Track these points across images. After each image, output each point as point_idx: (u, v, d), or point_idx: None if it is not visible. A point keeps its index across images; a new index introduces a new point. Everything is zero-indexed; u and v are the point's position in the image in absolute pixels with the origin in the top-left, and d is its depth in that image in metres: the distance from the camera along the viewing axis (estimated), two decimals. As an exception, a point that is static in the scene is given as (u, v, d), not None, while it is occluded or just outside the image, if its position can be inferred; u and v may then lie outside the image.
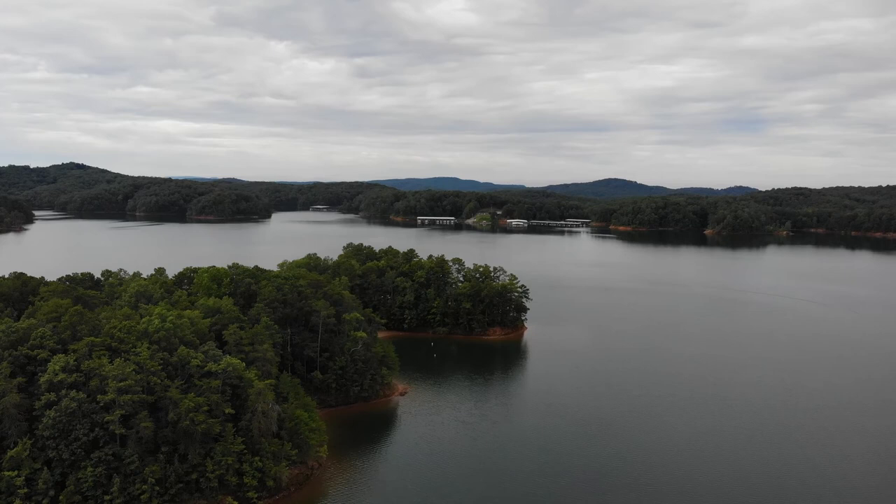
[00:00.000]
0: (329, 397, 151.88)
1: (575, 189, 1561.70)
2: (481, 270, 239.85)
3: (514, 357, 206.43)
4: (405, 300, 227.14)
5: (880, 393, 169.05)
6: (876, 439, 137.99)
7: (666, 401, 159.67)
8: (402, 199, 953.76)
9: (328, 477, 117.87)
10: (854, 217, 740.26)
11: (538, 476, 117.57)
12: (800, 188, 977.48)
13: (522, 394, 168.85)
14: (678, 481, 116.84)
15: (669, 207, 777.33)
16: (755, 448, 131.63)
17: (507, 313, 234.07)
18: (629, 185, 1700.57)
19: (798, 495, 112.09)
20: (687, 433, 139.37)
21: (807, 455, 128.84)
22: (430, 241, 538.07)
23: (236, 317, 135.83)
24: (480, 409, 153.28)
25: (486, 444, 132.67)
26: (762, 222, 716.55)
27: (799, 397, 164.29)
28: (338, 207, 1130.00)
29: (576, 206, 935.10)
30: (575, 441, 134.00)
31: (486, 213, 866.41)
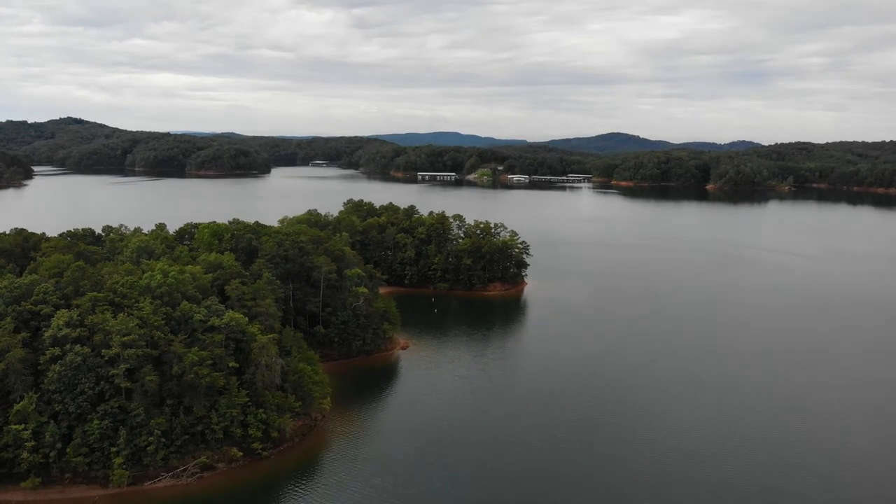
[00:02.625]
0: (332, 351, 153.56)
1: (577, 144, 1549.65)
2: (482, 227, 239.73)
3: (514, 313, 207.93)
4: (406, 256, 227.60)
5: (875, 343, 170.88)
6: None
7: (663, 357, 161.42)
8: (403, 154, 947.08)
9: (331, 428, 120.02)
10: (857, 172, 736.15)
11: (534, 428, 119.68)
12: (803, 143, 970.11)
13: (521, 349, 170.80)
14: (671, 430, 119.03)
15: (672, 162, 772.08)
16: (745, 399, 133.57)
17: (508, 269, 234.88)
18: (632, 139, 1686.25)
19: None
20: (680, 386, 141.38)
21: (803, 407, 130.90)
22: (431, 198, 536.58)
23: (238, 272, 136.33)
24: (479, 363, 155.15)
25: (484, 398, 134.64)
26: (764, 177, 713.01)
27: (794, 345, 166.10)
28: (337, 163, 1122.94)
29: (578, 161, 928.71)
30: (571, 394, 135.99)
31: (487, 169, 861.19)
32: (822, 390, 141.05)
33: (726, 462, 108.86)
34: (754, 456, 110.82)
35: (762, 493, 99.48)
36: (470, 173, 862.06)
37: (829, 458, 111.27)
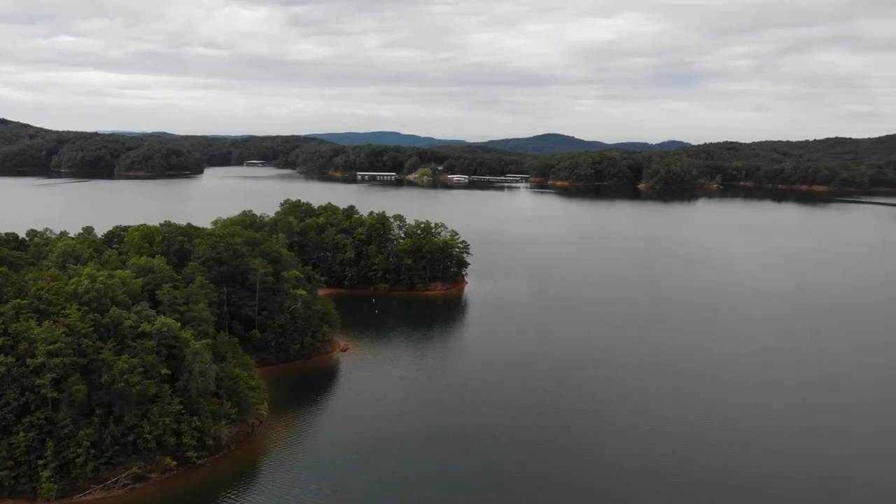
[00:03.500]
0: (269, 355, 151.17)
1: (515, 144, 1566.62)
2: (423, 226, 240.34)
3: (455, 312, 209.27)
4: (346, 257, 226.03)
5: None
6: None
7: (600, 351, 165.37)
8: (342, 153, 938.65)
9: (269, 434, 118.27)
10: (781, 171, 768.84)
11: (474, 427, 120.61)
12: (731, 142, 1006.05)
13: (461, 348, 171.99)
14: (611, 420, 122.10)
15: (605, 162, 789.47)
16: (676, 388, 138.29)
17: (449, 269, 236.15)
18: (567, 140, 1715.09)
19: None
20: (617, 378, 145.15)
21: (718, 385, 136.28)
22: (371, 197, 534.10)
23: (170, 276, 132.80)
24: (419, 364, 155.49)
25: (424, 398, 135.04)
26: (694, 176, 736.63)
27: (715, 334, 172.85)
28: (273, 162, 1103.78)
29: (516, 161, 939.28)
30: (510, 391, 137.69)
31: (427, 169, 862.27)
32: (740, 380, 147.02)
33: (651, 448, 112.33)
34: (683, 446, 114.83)
35: (686, 484, 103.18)
36: (410, 173, 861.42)
37: (745, 448, 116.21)
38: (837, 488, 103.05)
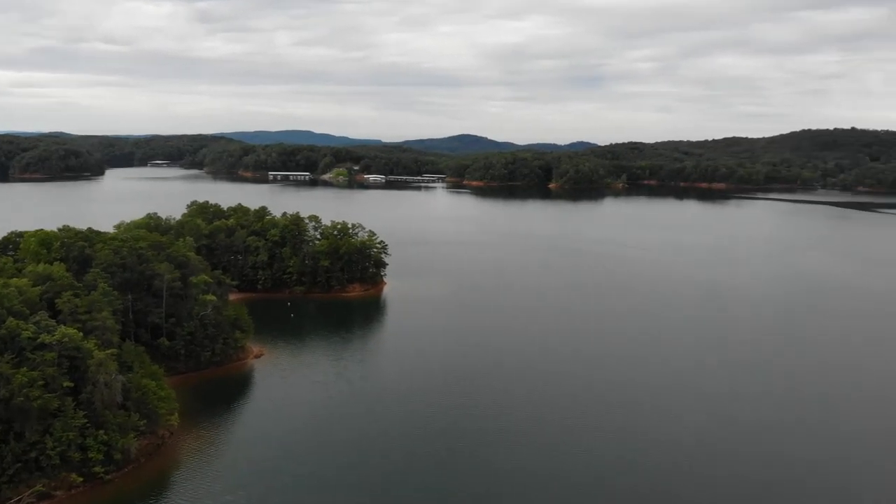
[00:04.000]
0: (178, 364, 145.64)
1: (430, 144, 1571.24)
2: (339, 227, 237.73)
3: (374, 313, 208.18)
4: (258, 260, 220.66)
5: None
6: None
7: (519, 348, 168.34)
8: (252, 153, 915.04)
9: (181, 445, 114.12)
10: (683, 169, 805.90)
11: (395, 432, 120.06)
12: (635, 143, 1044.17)
13: (381, 349, 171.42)
14: (527, 415, 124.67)
15: (518, 163, 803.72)
16: (592, 382, 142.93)
17: (367, 269, 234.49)
18: (481, 140, 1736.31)
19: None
20: (537, 374, 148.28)
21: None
22: (284, 198, 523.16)
23: (70, 284, 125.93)
24: (338, 367, 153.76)
25: (343, 402, 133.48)
26: (601, 176, 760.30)
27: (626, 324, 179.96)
28: (179, 162, 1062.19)
29: (432, 161, 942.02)
30: (433, 392, 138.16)
31: (342, 169, 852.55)
32: (646, 368, 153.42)
33: (565, 445, 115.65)
34: (594, 439, 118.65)
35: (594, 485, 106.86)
36: (325, 173, 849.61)
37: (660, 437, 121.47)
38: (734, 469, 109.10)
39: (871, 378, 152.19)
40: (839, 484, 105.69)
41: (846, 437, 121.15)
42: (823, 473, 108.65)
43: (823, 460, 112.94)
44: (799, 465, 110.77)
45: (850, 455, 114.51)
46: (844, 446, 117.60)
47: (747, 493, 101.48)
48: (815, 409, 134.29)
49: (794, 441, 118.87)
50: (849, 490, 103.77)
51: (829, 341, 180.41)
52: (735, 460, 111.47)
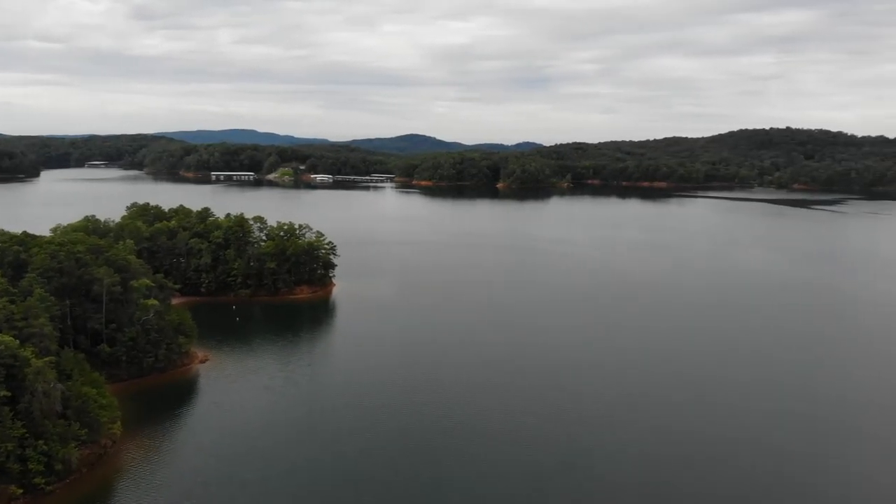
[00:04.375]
0: (120, 371, 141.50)
1: (379, 144, 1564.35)
2: (286, 228, 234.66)
3: (323, 316, 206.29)
4: (201, 263, 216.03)
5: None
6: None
7: (469, 346, 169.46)
8: (194, 153, 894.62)
9: (124, 454, 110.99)
10: (625, 169, 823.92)
11: (346, 435, 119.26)
12: (579, 143, 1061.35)
13: (330, 352, 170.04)
14: (477, 412, 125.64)
15: (466, 163, 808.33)
16: (534, 378, 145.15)
17: (315, 271, 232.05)
18: (429, 140, 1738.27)
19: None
20: (489, 371, 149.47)
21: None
22: (228, 199, 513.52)
23: (5, 290, 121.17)
24: (286, 371, 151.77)
25: (291, 406, 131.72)
26: (547, 175, 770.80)
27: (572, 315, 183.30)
28: (118, 163, 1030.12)
29: (380, 161, 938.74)
30: (382, 394, 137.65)
31: (288, 169, 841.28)
32: (596, 365, 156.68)
33: (520, 437, 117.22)
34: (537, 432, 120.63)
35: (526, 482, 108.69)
36: (270, 173, 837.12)
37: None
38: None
39: (802, 366, 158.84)
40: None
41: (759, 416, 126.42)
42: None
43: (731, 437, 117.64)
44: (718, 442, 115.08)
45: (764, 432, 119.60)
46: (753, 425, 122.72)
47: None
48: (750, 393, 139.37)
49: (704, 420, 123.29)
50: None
51: (771, 331, 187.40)
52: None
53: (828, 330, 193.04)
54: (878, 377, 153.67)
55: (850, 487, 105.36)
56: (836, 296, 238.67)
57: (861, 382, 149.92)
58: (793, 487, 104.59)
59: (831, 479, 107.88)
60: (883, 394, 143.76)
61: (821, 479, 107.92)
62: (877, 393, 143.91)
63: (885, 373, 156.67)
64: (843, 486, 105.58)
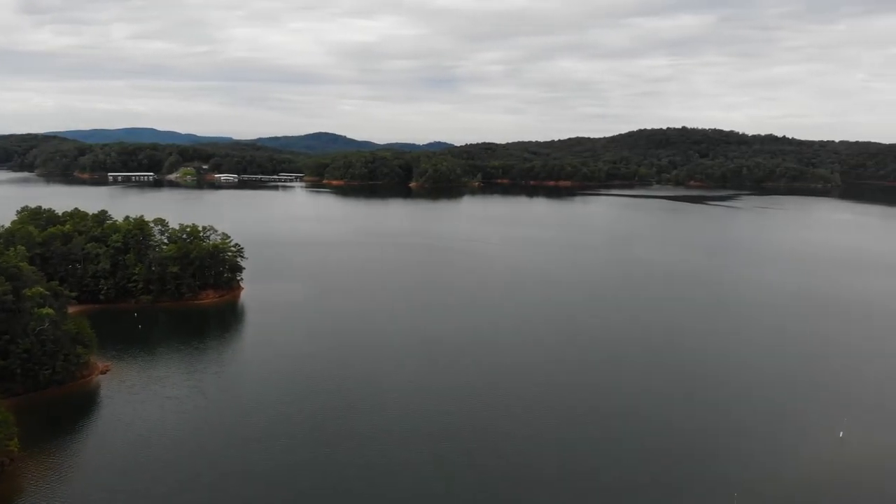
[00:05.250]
0: (15, 385, 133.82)
1: (286, 142, 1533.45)
2: (189, 230, 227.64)
3: (230, 321, 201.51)
4: (99, 268, 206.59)
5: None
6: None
7: (381, 347, 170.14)
8: (89, 153, 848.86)
9: (23, 472, 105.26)
10: (532, 168, 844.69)
11: (254, 442, 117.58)
12: (488, 143, 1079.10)
13: (239, 358, 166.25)
14: (390, 413, 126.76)
15: (378, 162, 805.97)
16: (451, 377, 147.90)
17: (221, 275, 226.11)
18: (339, 139, 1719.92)
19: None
20: (402, 371, 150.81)
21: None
22: (127, 201, 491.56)
23: None
24: (192, 380, 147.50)
25: (199, 418, 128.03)
26: (458, 175, 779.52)
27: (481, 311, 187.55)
28: (7, 165, 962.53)
29: (288, 160, 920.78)
30: (295, 399, 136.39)
31: (190, 168, 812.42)
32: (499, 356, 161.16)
33: (435, 436, 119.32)
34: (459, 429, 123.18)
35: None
36: (171, 173, 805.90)
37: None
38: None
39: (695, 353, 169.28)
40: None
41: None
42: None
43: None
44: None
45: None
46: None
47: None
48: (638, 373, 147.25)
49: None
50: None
51: (674, 320, 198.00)
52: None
53: (720, 318, 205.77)
54: (755, 352, 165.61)
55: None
56: (727, 285, 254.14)
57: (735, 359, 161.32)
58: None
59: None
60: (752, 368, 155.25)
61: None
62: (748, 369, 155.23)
63: (759, 348, 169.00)
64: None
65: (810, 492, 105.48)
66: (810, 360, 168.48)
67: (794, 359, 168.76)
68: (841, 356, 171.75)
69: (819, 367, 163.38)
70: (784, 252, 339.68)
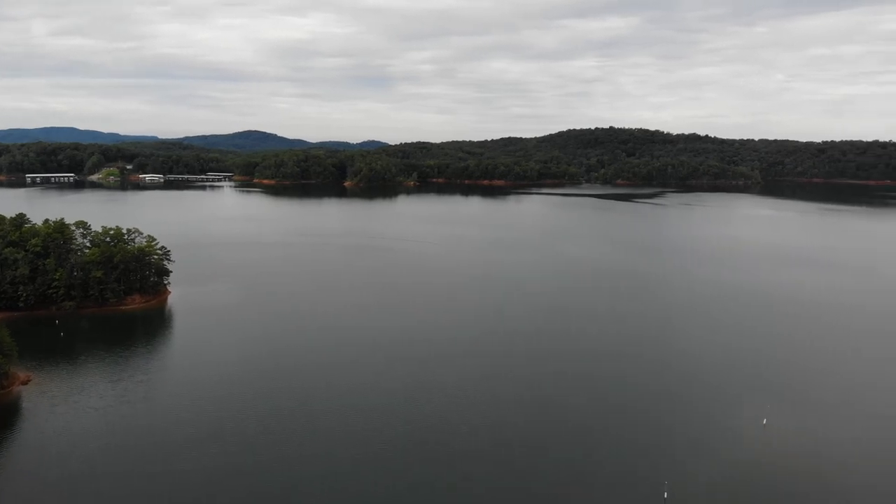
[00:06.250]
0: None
1: (214, 141, 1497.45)
2: (112, 233, 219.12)
3: (158, 326, 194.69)
4: (18, 274, 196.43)
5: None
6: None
7: (312, 352, 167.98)
8: (5, 153, 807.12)
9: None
10: (467, 168, 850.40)
11: (186, 451, 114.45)
12: (423, 142, 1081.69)
13: (168, 365, 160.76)
14: (321, 415, 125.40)
15: (311, 161, 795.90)
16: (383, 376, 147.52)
17: (147, 278, 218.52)
18: (270, 137, 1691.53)
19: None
20: (320, 372, 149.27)
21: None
22: (46, 203, 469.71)
23: None
24: (118, 389, 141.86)
25: (125, 429, 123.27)
26: (393, 174, 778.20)
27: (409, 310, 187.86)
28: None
29: (216, 159, 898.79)
30: (224, 408, 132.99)
31: (113, 169, 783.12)
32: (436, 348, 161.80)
33: (366, 433, 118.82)
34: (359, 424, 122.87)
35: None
36: (93, 173, 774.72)
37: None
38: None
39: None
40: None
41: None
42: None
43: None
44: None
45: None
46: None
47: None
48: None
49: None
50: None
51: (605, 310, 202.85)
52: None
53: (649, 311, 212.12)
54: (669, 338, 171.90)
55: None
56: (655, 279, 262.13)
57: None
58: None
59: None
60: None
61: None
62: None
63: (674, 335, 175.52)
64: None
65: (735, 476, 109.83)
66: (738, 351, 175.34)
67: (721, 350, 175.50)
68: (768, 346, 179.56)
69: (746, 357, 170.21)
70: (708, 247, 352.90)
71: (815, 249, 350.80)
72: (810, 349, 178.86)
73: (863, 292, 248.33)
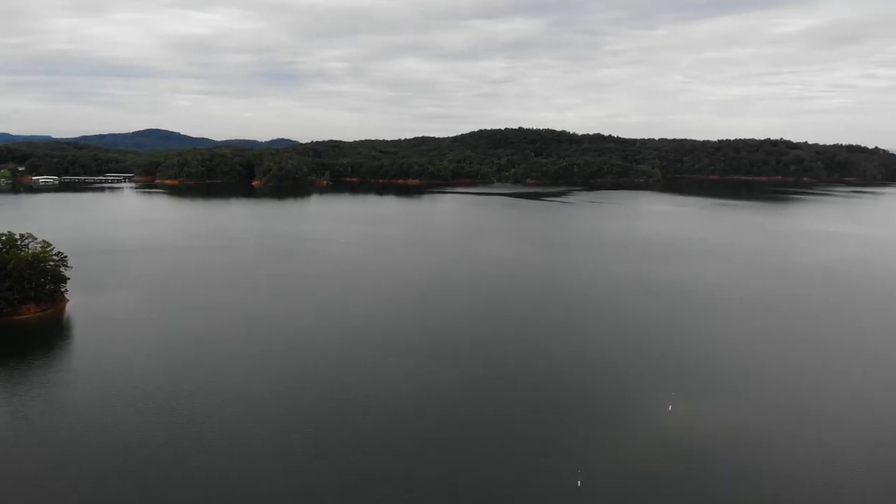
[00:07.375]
0: None
1: (113, 140, 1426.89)
2: (3, 239, 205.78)
3: (56, 337, 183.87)
4: None
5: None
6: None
7: (223, 361, 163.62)
8: None
9: None
10: (381, 167, 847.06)
11: (88, 467, 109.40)
12: (335, 141, 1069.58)
13: (66, 378, 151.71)
14: (221, 420, 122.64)
15: (216, 160, 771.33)
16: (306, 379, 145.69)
17: (43, 286, 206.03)
18: (173, 136, 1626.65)
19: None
20: (231, 381, 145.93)
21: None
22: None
23: None
24: (12, 406, 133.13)
25: (20, 446, 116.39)
26: (305, 173, 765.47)
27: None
28: None
29: (116, 159, 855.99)
30: (130, 421, 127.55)
31: (3, 170, 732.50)
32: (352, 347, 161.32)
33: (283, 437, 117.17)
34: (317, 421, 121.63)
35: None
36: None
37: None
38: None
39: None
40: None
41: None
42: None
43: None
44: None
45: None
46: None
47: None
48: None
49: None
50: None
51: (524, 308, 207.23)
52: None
53: (557, 303, 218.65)
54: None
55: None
56: (564, 273, 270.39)
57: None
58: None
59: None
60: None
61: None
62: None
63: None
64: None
65: (644, 460, 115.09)
66: (647, 341, 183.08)
67: (630, 339, 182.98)
68: (674, 335, 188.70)
69: (654, 346, 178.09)
70: (614, 241, 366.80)
71: (712, 241, 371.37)
72: (717, 337, 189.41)
73: (754, 278, 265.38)
